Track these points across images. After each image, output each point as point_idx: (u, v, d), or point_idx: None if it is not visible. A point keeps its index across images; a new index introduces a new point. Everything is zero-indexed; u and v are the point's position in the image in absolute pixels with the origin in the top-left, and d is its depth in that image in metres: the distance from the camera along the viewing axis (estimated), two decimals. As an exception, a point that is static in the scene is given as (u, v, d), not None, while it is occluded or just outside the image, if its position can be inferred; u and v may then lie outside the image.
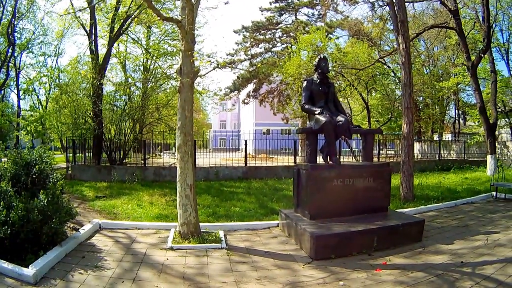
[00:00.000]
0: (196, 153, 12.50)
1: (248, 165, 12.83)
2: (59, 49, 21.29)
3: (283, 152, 16.35)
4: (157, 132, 16.27)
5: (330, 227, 4.87)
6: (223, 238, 5.18)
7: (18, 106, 17.20)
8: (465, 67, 14.27)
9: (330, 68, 16.09)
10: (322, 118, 5.38)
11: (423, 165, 14.95)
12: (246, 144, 13.25)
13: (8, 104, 18.38)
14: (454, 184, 10.58)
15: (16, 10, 16.53)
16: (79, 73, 13.10)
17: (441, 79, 20.45)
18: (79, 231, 5.15)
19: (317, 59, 6.05)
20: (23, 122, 16.67)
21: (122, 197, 8.60)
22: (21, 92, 17.30)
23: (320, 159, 5.95)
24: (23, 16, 17.40)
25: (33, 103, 18.76)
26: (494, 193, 8.68)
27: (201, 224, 5.79)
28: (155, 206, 7.50)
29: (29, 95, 17.68)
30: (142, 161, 12.32)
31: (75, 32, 19.76)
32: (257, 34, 24.14)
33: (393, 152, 18.26)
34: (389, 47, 19.68)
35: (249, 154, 19.39)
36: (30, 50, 18.05)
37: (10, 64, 16.79)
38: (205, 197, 8.59)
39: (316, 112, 5.57)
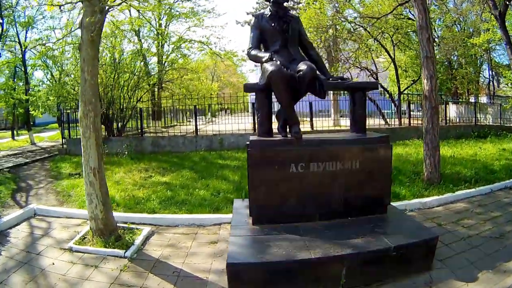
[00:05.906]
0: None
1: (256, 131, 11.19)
2: (67, 21, 20.88)
3: (321, 114, 14.47)
4: (157, 98, 15.88)
5: (268, 245, 3.05)
6: (137, 242, 3.88)
7: (27, 82, 17.21)
8: (494, 20, 12.56)
9: (354, 20, 13.88)
10: (269, 67, 3.47)
11: (459, 130, 12.94)
12: (254, 106, 11.49)
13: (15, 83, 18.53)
14: (490, 157, 8.33)
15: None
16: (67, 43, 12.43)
17: (472, 37, 18.57)
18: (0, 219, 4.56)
19: None
20: (32, 98, 16.18)
21: (97, 174, 7.89)
22: (28, 69, 17.31)
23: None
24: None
25: (46, 77, 18.49)
26: (539, 174, 6.45)
27: (137, 215, 4.81)
28: (119, 186, 6.34)
29: (42, 70, 17.67)
30: (139, 131, 11.54)
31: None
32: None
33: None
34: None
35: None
36: (34, 26, 17.85)
37: (9, 42, 16.70)
38: (184, 173, 7.33)
39: (263, 59, 3.62)
